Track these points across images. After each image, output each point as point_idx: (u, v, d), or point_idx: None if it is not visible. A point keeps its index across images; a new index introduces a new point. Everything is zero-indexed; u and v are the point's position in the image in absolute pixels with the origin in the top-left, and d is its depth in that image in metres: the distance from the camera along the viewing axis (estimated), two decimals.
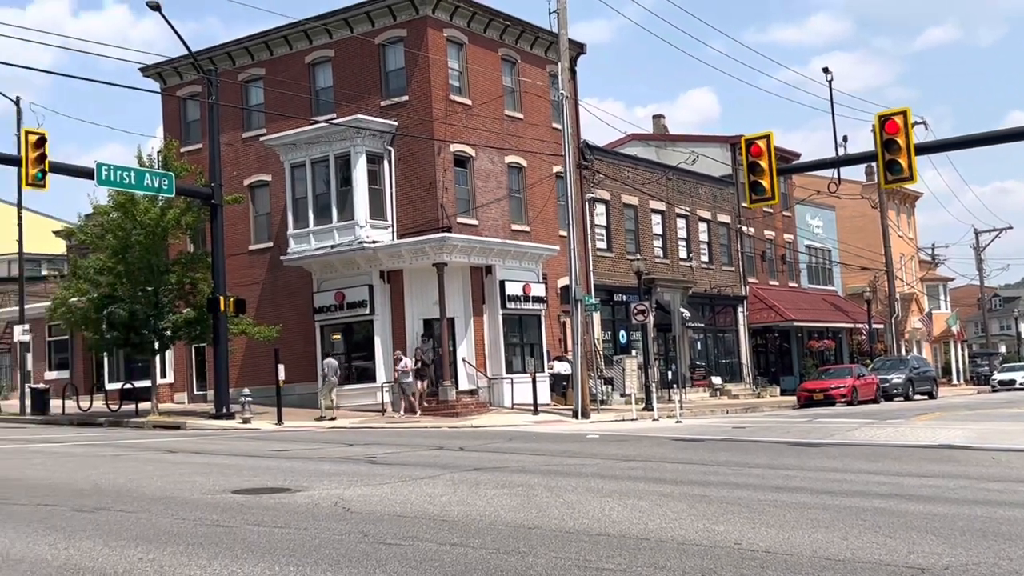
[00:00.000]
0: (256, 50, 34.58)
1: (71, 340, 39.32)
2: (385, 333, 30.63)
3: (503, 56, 34.20)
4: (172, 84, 36.36)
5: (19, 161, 24.19)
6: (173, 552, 7.69)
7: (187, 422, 26.26)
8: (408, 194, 31.37)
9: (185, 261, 29.75)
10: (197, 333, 29.20)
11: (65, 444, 19.55)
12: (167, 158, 28.96)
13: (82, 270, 29.37)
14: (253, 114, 34.75)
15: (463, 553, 7.64)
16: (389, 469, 13.97)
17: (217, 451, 17.51)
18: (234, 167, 33.79)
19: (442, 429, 24.37)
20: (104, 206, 28.85)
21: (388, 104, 31.84)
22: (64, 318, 30.51)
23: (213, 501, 10.53)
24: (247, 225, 34.41)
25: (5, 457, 16.36)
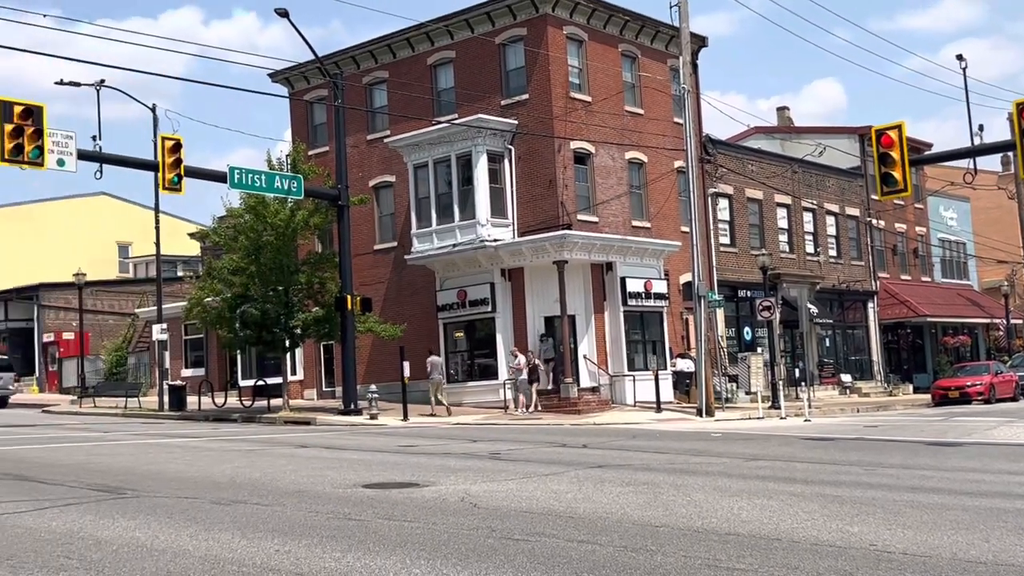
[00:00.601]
0: (379, 53, 35.20)
1: (206, 338, 40.73)
2: (506, 330, 30.81)
3: (623, 52, 34.00)
4: (299, 88, 37.31)
5: (156, 166, 25.20)
6: (308, 544, 7.89)
7: (316, 418, 26.90)
8: (528, 192, 31.49)
9: (314, 261, 30.48)
10: (325, 331, 29.88)
11: (202, 439, 20.26)
12: (296, 161, 29.72)
13: (216, 271, 30.37)
14: (377, 116, 35.39)
15: (591, 550, 7.63)
16: (513, 465, 14.06)
17: (346, 446, 17.90)
18: (359, 169, 34.48)
19: (564, 426, 24.39)
20: (237, 208, 29.76)
21: (508, 103, 32.01)
22: (199, 317, 31.58)
23: (344, 495, 10.77)
24: (372, 225, 35.06)
25: (147, 451, 17.05)
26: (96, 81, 32.23)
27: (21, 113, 21.09)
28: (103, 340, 47.95)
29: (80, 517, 9.32)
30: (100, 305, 49.71)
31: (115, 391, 37.14)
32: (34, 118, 21.29)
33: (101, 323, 49.17)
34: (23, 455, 16.17)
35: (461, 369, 32.08)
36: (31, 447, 18.00)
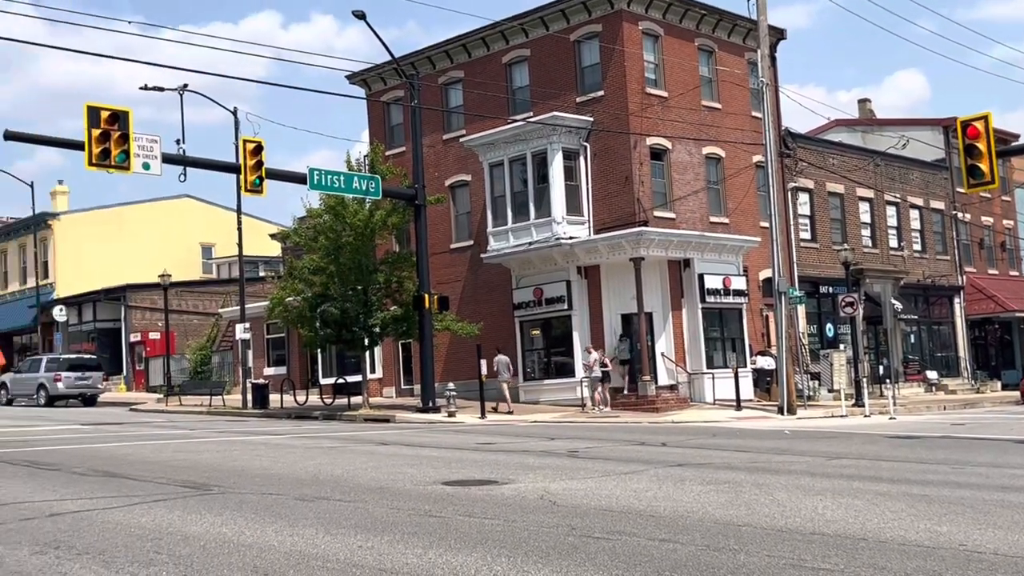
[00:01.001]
0: (455, 53, 35.39)
1: (287, 337, 41.37)
2: (583, 328, 30.75)
3: (699, 46, 33.67)
4: (376, 90, 37.69)
5: (238, 168, 25.66)
6: (390, 540, 7.96)
7: (395, 415, 27.15)
8: (604, 189, 31.38)
9: (392, 260, 30.77)
10: (403, 330, 30.15)
11: (284, 436, 20.58)
12: (373, 161, 30.03)
13: (297, 271, 30.84)
14: (453, 115, 35.60)
15: (672, 549, 7.58)
16: (592, 463, 14.02)
17: (425, 444, 18.03)
18: (436, 168, 34.72)
19: (642, 424, 24.26)
20: (316, 209, 30.17)
21: (584, 100, 31.93)
22: (281, 317, 32.09)
23: (424, 492, 10.85)
24: (448, 224, 35.28)
25: (232, 449, 17.38)
26: (179, 86, 32.99)
27: (108, 118, 21.65)
28: (188, 339, 49.02)
29: (168, 513, 9.53)
30: (184, 305, 50.83)
31: (200, 389, 37.93)
32: (120, 123, 21.84)
33: (186, 323, 50.28)
34: (112, 452, 16.60)
35: (538, 367, 32.10)
36: (120, 444, 18.47)
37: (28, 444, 18.38)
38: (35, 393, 39.34)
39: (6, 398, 41.06)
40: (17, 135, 23.33)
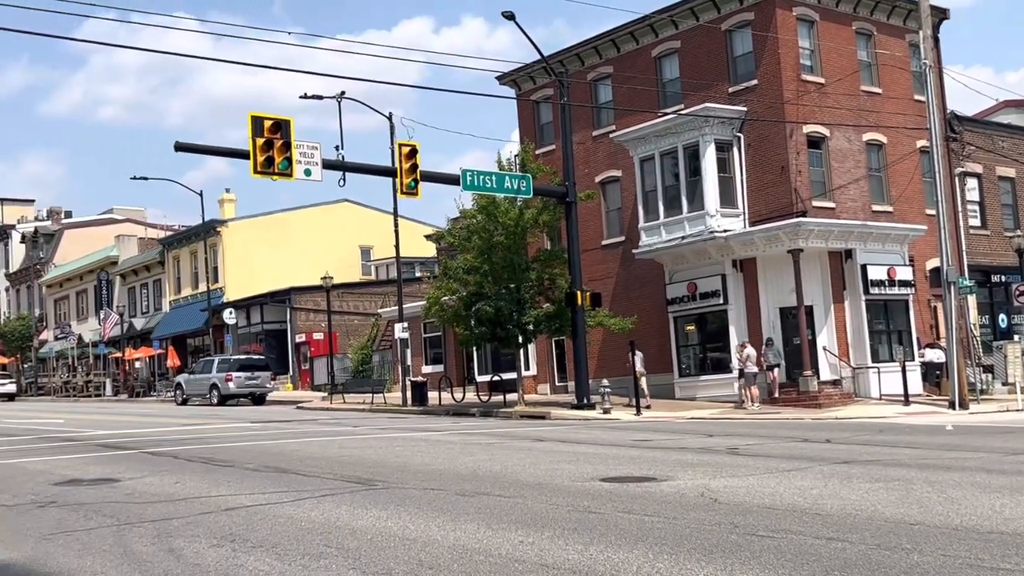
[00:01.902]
0: (603, 48, 35.28)
1: (444, 336, 42.10)
2: (740, 322, 30.17)
3: (857, 29, 32.55)
4: (526, 89, 37.94)
5: (394, 172, 26.26)
6: (550, 536, 8.00)
7: (551, 412, 27.26)
8: (759, 180, 30.71)
9: (543, 258, 30.92)
10: (557, 326, 30.26)
11: (443, 433, 20.93)
12: (524, 160, 30.23)
13: (452, 270, 31.33)
14: (602, 111, 35.49)
15: (841, 548, 7.35)
16: (753, 460, 13.74)
17: (581, 440, 18.04)
18: (586, 165, 34.69)
19: (804, 421, 23.64)
20: (469, 210, 30.59)
21: (736, 90, 31.32)
22: (437, 316, 32.68)
23: (583, 488, 10.86)
24: (599, 221, 35.20)
25: (394, 445, 17.79)
26: (337, 93, 33.95)
27: (271, 127, 22.50)
28: (350, 339, 50.48)
29: (336, 508, 9.83)
30: (345, 306, 52.36)
31: (362, 387, 39.00)
32: (282, 131, 22.66)
33: (347, 323, 51.78)
34: (281, 448, 17.23)
35: (693, 363, 31.68)
36: (288, 441, 19.16)
37: (203, 441, 19.27)
38: (208, 393, 41.24)
39: (181, 397, 43.19)
40: (187, 146, 24.52)
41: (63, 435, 22.32)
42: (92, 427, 25.21)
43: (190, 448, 17.49)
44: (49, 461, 15.71)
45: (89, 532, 8.76)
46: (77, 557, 7.70)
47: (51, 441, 20.40)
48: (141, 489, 11.69)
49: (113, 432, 22.80)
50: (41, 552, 7.95)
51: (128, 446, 18.36)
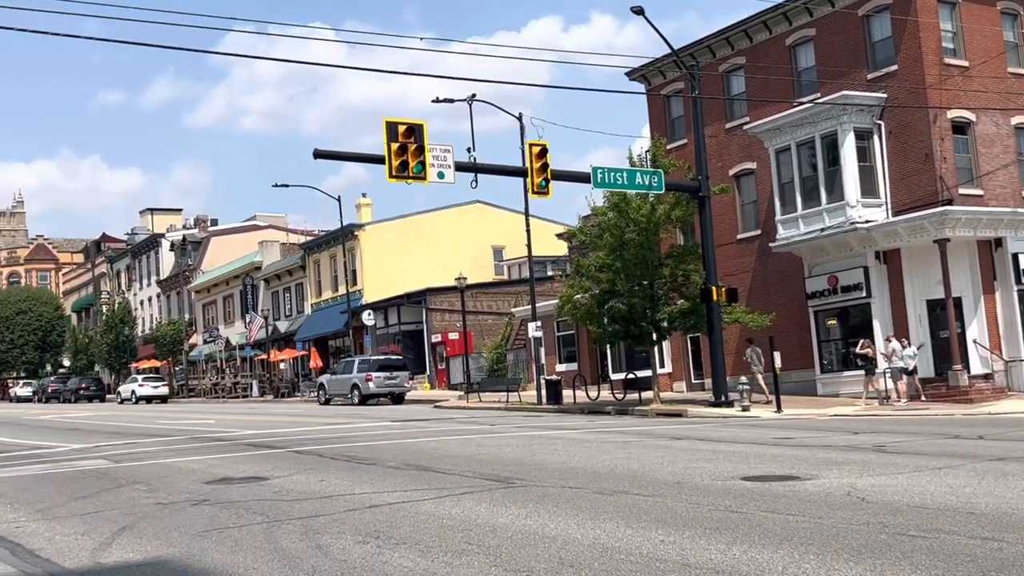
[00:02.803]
0: (735, 39, 34.68)
1: (577, 334, 42.10)
2: (884, 316, 29.24)
3: (1002, 9, 31.12)
4: (656, 84, 37.60)
5: (525, 172, 26.39)
6: (691, 536, 7.90)
7: (687, 410, 26.95)
8: (901, 168, 29.68)
9: (677, 254, 30.58)
10: (691, 323, 29.89)
11: (578, 431, 20.92)
12: (655, 156, 29.96)
13: (584, 268, 31.29)
14: (735, 103, 34.90)
15: (997, 548, 7.04)
16: (901, 458, 13.29)
17: (720, 438, 17.77)
18: (718, 158, 34.17)
19: (954, 417, 22.74)
20: (600, 207, 30.49)
21: (875, 76, 30.35)
22: (570, 314, 32.69)
23: (723, 487, 10.68)
24: (734, 214, 34.62)
25: (531, 443, 17.87)
26: (468, 96, 34.34)
27: (405, 132, 22.90)
28: (484, 338, 50.98)
29: (475, 505, 9.93)
30: (479, 306, 52.90)
31: (496, 386, 39.33)
32: (416, 136, 23.03)
33: (481, 323, 52.31)
34: (421, 447, 17.51)
35: (835, 359, 30.83)
36: (427, 440, 19.45)
37: (346, 440, 19.73)
38: (349, 392, 42.25)
39: (324, 397, 44.37)
40: (325, 153, 25.17)
41: (214, 435, 23.19)
42: (240, 427, 26.13)
43: (333, 447, 17.93)
44: (201, 460, 16.35)
45: (240, 529, 9.07)
46: (230, 553, 7.98)
47: (202, 441, 21.22)
48: (288, 487, 12.05)
49: (260, 432, 23.59)
50: (196, 549, 8.27)
51: (275, 445, 18.95)
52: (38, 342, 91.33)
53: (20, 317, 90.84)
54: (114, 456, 18.09)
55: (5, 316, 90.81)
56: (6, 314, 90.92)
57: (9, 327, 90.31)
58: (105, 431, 27.54)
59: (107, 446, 20.88)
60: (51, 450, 20.64)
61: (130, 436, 24.22)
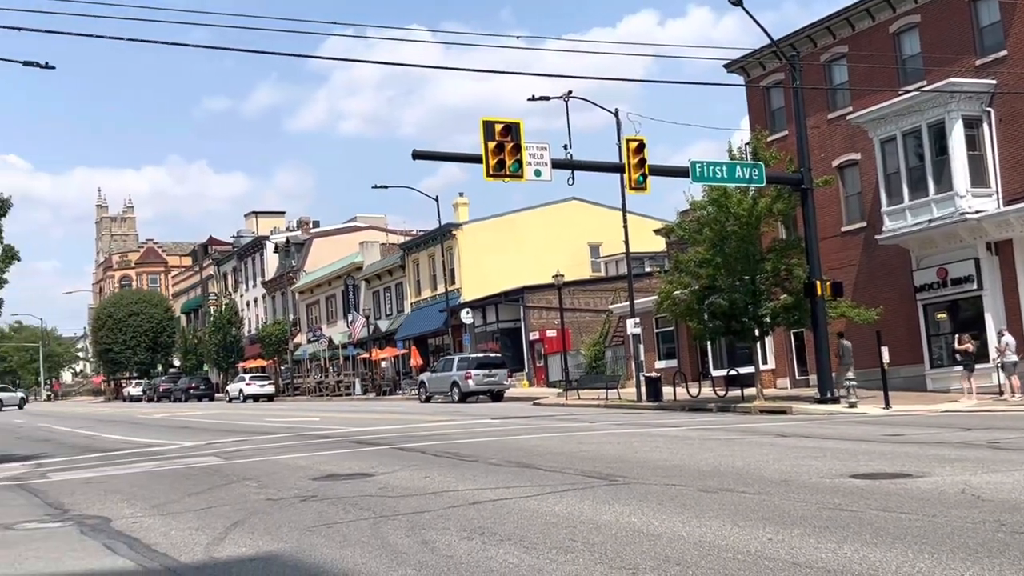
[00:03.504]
0: (837, 27, 33.91)
1: (676, 330, 41.72)
2: (996, 309, 28.27)
3: None
4: (755, 75, 37.01)
5: (622, 168, 26.24)
6: (800, 534, 7.76)
7: (792, 407, 26.47)
8: (1013, 156, 28.65)
9: (779, 248, 30.04)
10: (795, 318, 29.34)
11: (679, 428, 20.74)
12: (756, 148, 29.49)
13: (683, 264, 30.95)
14: (837, 93, 34.14)
15: None
16: (1017, 455, 12.86)
17: (826, 435, 17.41)
18: (821, 149, 33.46)
19: None
20: (699, 201, 30.12)
21: (984, 62, 29.35)
22: (669, 310, 32.40)
23: (832, 485, 10.47)
24: (838, 207, 33.87)
25: (631, 440, 17.78)
26: (564, 93, 34.28)
27: (501, 131, 22.98)
28: (582, 336, 50.89)
29: (578, 502, 9.92)
30: (576, 303, 52.83)
31: (595, 383, 39.21)
32: (512, 134, 23.10)
33: (579, 320, 52.22)
34: (521, 444, 17.56)
35: (945, 353, 29.92)
36: (528, 437, 19.51)
37: (447, 437, 19.92)
38: (449, 390, 42.64)
39: (425, 395, 44.86)
40: (423, 154, 25.42)
41: (319, 432, 23.65)
42: (344, 424, 26.59)
43: (435, 444, 18.12)
44: (308, 457, 16.69)
45: (348, 524, 9.22)
46: (339, 548, 8.12)
47: (309, 438, 21.66)
48: (393, 483, 12.21)
49: (363, 429, 23.96)
50: (305, 543, 8.44)
51: (378, 442, 19.23)
52: (149, 343, 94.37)
53: (132, 319, 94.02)
54: (224, 453, 18.59)
55: (118, 318, 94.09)
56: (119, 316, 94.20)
57: (122, 328, 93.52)
58: (215, 429, 28.33)
59: (217, 443, 21.48)
60: (164, 448, 21.32)
61: (239, 434, 24.86)
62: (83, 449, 22.87)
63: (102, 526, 10.09)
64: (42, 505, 12.34)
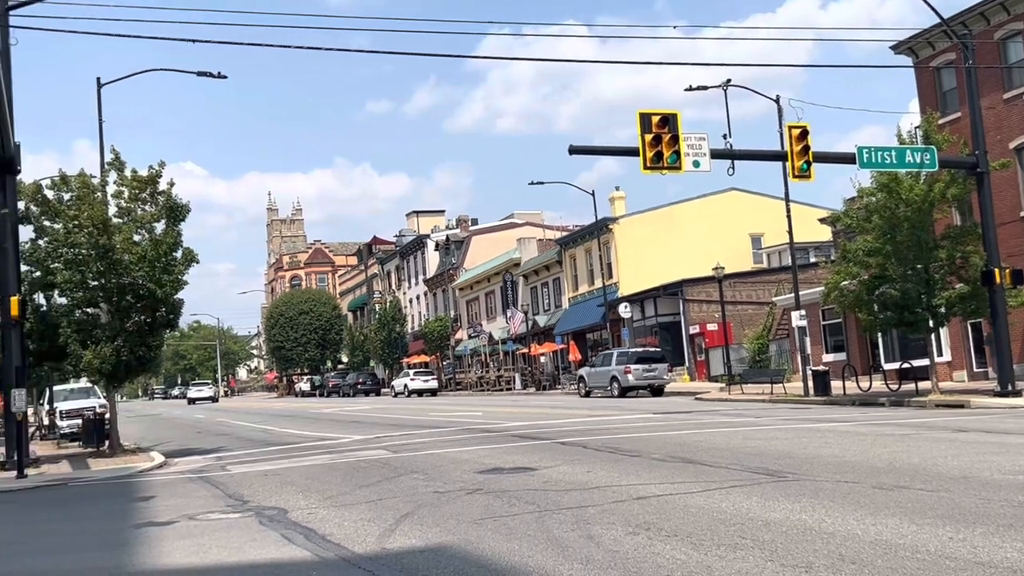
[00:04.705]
0: (1011, 3, 32.10)
1: (844, 322, 40.42)
2: None
3: None
4: (924, 56, 35.47)
5: (784, 156, 25.57)
6: (983, 533, 7.40)
7: (970, 400, 25.26)
8: None
9: (953, 235, 28.67)
10: (972, 308, 27.95)
11: (850, 423, 20.08)
12: (926, 131, 28.23)
13: (851, 253, 29.91)
14: (1013, 72, 32.36)
15: None
16: None
17: (1008, 430, 16.55)
18: (997, 131, 31.79)
19: None
20: (867, 188, 29.06)
21: None
22: (837, 301, 31.41)
23: (1016, 482, 9.95)
24: (1016, 191, 32.11)
25: (799, 436, 17.31)
26: (722, 82, 33.62)
27: (658, 122, 22.76)
28: (744, 329, 49.92)
29: (745, 499, 9.72)
30: (738, 296, 51.84)
31: (759, 378, 38.37)
32: (670, 125, 22.84)
33: (740, 313, 51.26)
34: (684, 439, 17.35)
35: None
36: (690, 432, 19.26)
37: (608, 432, 19.87)
38: (608, 385, 42.52)
39: (584, 390, 44.89)
40: (580, 149, 25.39)
41: (481, 427, 23.97)
42: (506, 419, 26.88)
43: (596, 438, 18.10)
44: (472, 451, 16.94)
45: (513, 518, 9.31)
46: (505, 541, 8.21)
47: (472, 432, 21.98)
48: (556, 477, 12.26)
49: (525, 423, 24.16)
50: (473, 536, 8.56)
51: (539, 436, 19.35)
52: (318, 340, 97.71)
53: (302, 317, 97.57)
54: (392, 447, 19.07)
55: (289, 316, 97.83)
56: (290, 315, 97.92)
57: (293, 327, 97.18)
58: (382, 423, 29.09)
59: (385, 437, 22.06)
60: (335, 441, 22.04)
61: (405, 428, 25.46)
62: (259, 443, 23.88)
63: (279, 517, 10.50)
64: (223, 496, 12.94)
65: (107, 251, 21.39)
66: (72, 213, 21.57)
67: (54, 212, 21.95)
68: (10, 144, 19.64)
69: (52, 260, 21.99)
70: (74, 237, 21.38)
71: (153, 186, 22.74)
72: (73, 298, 22.11)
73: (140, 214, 22.66)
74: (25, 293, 21.00)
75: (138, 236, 22.44)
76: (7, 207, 20.10)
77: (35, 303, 22.44)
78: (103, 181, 23.09)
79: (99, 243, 21.25)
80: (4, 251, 20.05)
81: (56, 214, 21.90)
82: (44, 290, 22.76)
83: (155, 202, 22.79)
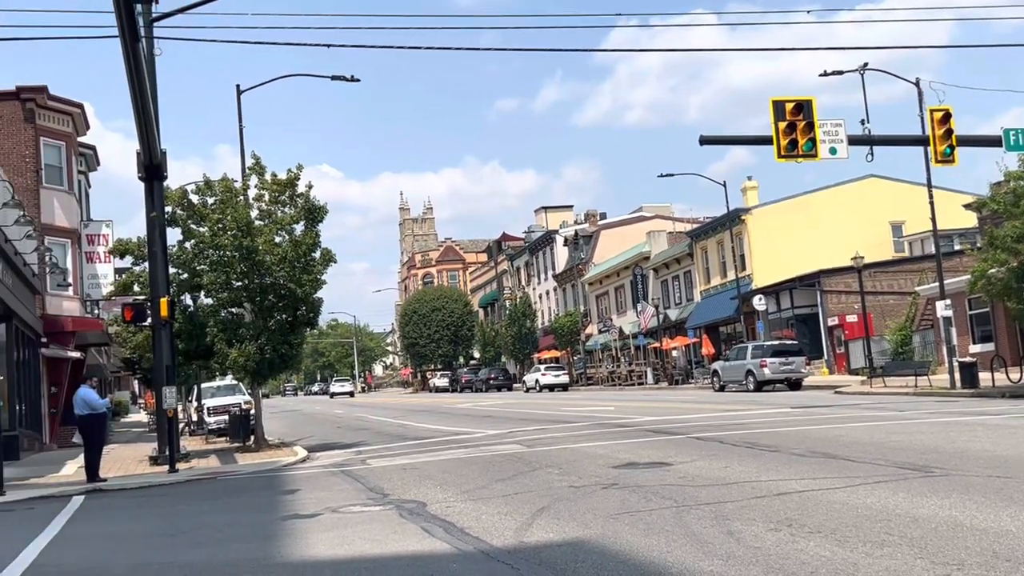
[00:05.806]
0: None
1: (992, 312, 38.79)
2: None
3: None
4: None
5: (926, 140, 24.69)
6: None
7: None
8: None
9: None
10: None
11: (1000, 416, 19.27)
12: None
13: (998, 240, 28.68)
14: None
15: None
16: None
17: None
18: None
19: None
20: (1015, 172, 27.84)
21: None
22: (984, 290, 30.20)
23: None
24: None
25: (947, 430, 16.69)
26: (859, 66, 32.60)
27: (792, 110, 22.25)
28: (885, 320, 48.37)
29: (891, 495, 9.43)
30: (878, 286, 50.24)
31: (902, 370, 37.13)
32: (804, 112, 22.30)
33: (881, 303, 49.67)
34: (824, 434, 16.93)
35: None
36: (830, 426, 18.78)
37: (744, 427, 19.54)
38: (743, 379, 41.79)
39: (719, 384, 44.23)
40: (711, 139, 25.03)
41: (614, 421, 23.89)
42: (638, 414, 26.72)
43: (733, 433, 17.82)
44: (606, 446, 16.91)
45: (650, 513, 9.25)
46: (643, 536, 8.17)
47: (604, 427, 21.94)
48: (692, 473, 12.13)
49: (658, 418, 23.97)
50: (610, 530, 8.54)
51: (673, 431, 19.17)
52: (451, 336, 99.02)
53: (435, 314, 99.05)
54: (526, 441, 19.19)
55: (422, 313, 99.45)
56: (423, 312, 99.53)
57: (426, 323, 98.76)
58: (515, 418, 29.31)
59: (519, 432, 22.22)
60: (470, 436, 22.31)
61: (538, 423, 25.58)
62: (396, 437, 24.37)
63: (418, 510, 10.69)
64: (364, 490, 13.25)
65: (250, 252, 22.13)
66: (217, 216, 22.40)
67: (200, 216, 22.80)
68: (157, 151, 20.54)
69: (198, 262, 22.86)
70: (219, 239, 22.17)
71: (292, 189, 23.44)
72: (218, 298, 22.96)
73: (280, 216, 23.39)
74: (173, 294, 21.90)
75: (279, 237, 23.17)
76: (156, 211, 21.04)
77: (183, 304, 23.36)
78: (244, 185, 23.92)
79: (242, 244, 22.01)
80: (153, 254, 21.01)
81: (202, 217, 22.75)
82: (191, 291, 23.67)
83: (294, 204, 23.49)
